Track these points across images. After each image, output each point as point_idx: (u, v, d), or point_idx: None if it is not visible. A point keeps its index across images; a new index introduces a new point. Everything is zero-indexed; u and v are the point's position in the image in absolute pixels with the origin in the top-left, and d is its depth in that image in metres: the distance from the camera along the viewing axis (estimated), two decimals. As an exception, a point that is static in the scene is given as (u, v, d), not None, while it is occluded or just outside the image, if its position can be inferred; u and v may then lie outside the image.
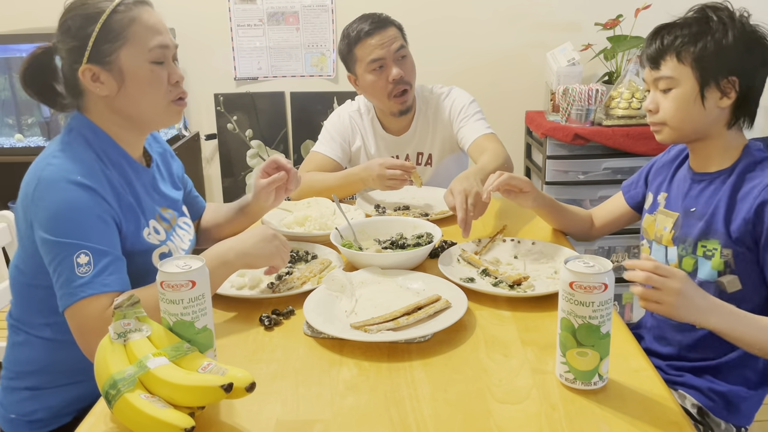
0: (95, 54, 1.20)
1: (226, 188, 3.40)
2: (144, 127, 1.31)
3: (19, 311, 1.29)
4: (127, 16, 1.21)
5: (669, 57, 1.28)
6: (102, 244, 1.14)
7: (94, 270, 1.11)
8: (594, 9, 3.00)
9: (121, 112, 1.25)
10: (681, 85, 1.27)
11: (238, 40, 3.19)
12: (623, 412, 0.93)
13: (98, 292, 1.10)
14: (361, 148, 2.09)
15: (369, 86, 1.97)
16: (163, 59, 1.24)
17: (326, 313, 1.20)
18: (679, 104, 1.28)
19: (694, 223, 1.31)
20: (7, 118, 2.97)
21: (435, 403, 0.96)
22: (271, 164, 1.52)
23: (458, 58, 3.15)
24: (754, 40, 1.25)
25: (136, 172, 1.30)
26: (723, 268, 1.27)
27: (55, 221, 1.13)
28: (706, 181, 1.32)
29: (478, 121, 2.01)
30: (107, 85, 1.22)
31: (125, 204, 1.23)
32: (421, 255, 1.42)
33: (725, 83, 1.25)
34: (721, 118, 1.28)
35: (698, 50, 1.24)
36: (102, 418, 0.94)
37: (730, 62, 1.23)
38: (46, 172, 1.16)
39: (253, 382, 0.90)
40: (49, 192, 1.14)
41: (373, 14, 1.97)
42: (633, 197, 1.55)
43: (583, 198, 2.82)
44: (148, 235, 1.27)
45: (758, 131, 3.08)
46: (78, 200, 1.14)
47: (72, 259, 1.11)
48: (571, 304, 0.95)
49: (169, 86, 1.26)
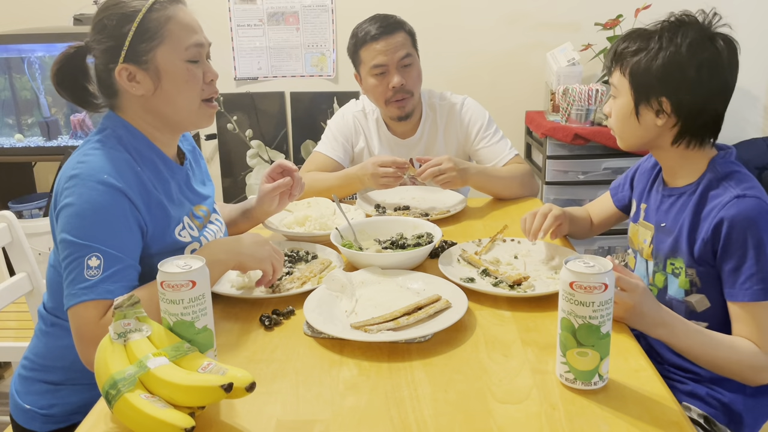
0: (132, 53, 1.20)
1: (226, 188, 3.40)
2: (176, 127, 1.30)
3: (54, 305, 1.29)
4: (163, 14, 1.21)
5: (615, 67, 1.28)
6: (117, 249, 1.13)
7: (101, 275, 1.10)
8: (594, 9, 3.00)
9: (156, 111, 1.26)
10: (621, 96, 1.28)
11: (238, 40, 3.20)
12: (623, 412, 0.92)
13: (100, 297, 1.10)
14: (364, 149, 2.09)
15: (370, 89, 1.98)
16: (198, 58, 1.25)
17: (326, 313, 1.20)
18: (619, 115, 1.29)
19: (664, 239, 1.31)
20: (7, 118, 2.97)
21: (435, 403, 0.96)
22: (277, 168, 1.53)
23: (458, 58, 3.15)
24: (695, 62, 1.19)
25: (170, 171, 1.31)
26: (689, 287, 1.28)
27: (75, 221, 1.13)
28: (674, 197, 1.30)
29: (500, 141, 2.03)
30: (143, 85, 1.22)
31: (155, 202, 1.23)
32: (421, 255, 1.43)
33: (656, 104, 1.23)
34: (663, 136, 1.26)
35: (633, 67, 1.24)
36: (102, 418, 0.94)
37: (660, 85, 1.22)
38: (77, 170, 1.16)
39: (253, 382, 0.90)
40: (75, 190, 1.14)
41: (385, 17, 1.95)
42: (620, 200, 1.55)
43: (583, 198, 2.82)
44: (180, 232, 1.28)
45: (758, 131, 3.09)
46: (102, 202, 1.14)
47: (83, 260, 1.10)
48: (571, 304, 0.95)
49: (204, 84, 1.27)
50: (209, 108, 1.29)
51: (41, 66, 2.91)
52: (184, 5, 1.26)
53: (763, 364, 1.16)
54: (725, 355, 1.17)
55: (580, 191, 2.84)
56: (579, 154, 2.79)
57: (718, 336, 1.19)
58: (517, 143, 3.19)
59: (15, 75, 2.93)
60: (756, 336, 1.17)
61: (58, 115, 2.97)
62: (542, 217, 1.45)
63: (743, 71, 1.30)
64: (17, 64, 2.91)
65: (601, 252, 2.96)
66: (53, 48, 2.76)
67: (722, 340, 1.18)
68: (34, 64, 2.91)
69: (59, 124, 2.96)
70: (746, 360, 1.16)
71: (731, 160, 1.27)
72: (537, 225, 1.45)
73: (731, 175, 1.23)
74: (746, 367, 1.17)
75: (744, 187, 1.20)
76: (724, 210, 1.19)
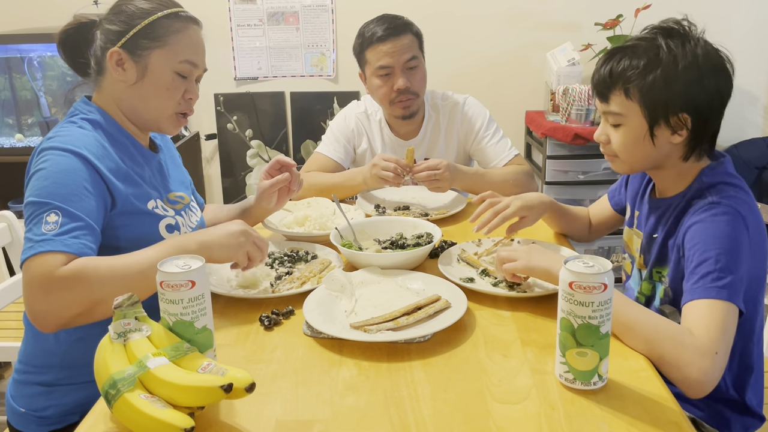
0: (131, 43, 1.26)
1: (226, 188, 3.40)
2: (144, 124, 1.35)
3: None
4: (176, 25, 1.28)
5: (617, 91, 1.19)
6: (77, 209, 1.14)
7: (58, 229, 1.10)
8: (594, 9, 3.00)
9: (129, 103, 1.30)
10: (629, 122, 1.20)
11: (238, 40, 3.20)
12: (623, 412, 0.92)
13: (55, 249, 1.08)
14: (367, 150, 2.09)
15: (374, 90, 1.98)
16: (187, 74, 1.31)
17: (326, 313, 1.20)
18: (628, 141, 1.21)
19: (651, 248, 1.30)
20: (7, 118, 2.97)
21: (435, 403, 0.96)
22: (275, 165, 1.53)
23: (458, 58, 3.15)
24: (709, 69, 1.15)
25: (143, 156, 1.34)
26: (663, 296, 1.27)
27: (39, 182, 1.15)
28: (662, 207, 1.29)
29: (500, 141, 2.03)
30: (127, 74, 1.28)
31: (123, 174, 1.26)
32: (421, 255, 1.43)
33: (675, 121, 1.17)
34: (674, 152, 1.22)
35: (646, 87, 1.15)
36: (102, 418, 0.94)
37: (681, 100, 1.15)
38: (45, 144, 1.20)
39: (252, 383, 0.90)
40: (42, 159, 1.18)
41: (393, 17, 1.94)
42: (618, 203, 1.54)
43: (583, 198, 2.82)
44: (153, 208, 1.30)
45: (758, 131, 3.09)
46: (66, 165, 1.17)
47: (42, 216, 1.11)
48: (570, 304, 0.95)
49: (182, 99, 1.32)
50: (179, 121, 1.35)
51: (41, 66, 2.91)
52: (200, 27, 1.33)
53: (686, 340, 1.03)
54: (642, 317, 1.07)
55: (580, 191, 2.84)
56: (579, 154, 2.79)
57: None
58: (517, 143, 3.18)
59: (15, 75, 2.93)
60: (695, 325, 1.06)
61: (58, 115, 2.97)
62: (492, 214, 1.43)
63: (743, 71, 1.29)
64: (17, 64, 2.91)
65: (601, 252, 2.96)
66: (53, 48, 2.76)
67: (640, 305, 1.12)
68: (34, 64, 2.91)
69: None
70: (668, 330, 1.05)
71: (723, 171, 1.22)
72: (489, 221, 1.43)
73: (716, 186, 1.19)
74: (666, 338, 1.04)
75: (722, 196, 1.16)
76: (695, 216, 1.16)
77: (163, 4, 1.29)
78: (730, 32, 3.01)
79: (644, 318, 1.08)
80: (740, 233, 1.13)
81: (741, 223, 1.13)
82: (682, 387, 1.03)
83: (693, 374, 1.01)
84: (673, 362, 1.02)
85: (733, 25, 3.06)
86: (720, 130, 1.23)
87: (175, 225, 1.33)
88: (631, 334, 1.07)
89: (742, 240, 1.12)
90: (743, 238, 1.13)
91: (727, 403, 1.25)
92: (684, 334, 1.05)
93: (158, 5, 1.28)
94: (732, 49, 1.20)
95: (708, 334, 1.03)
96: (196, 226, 1.43)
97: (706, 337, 1.03)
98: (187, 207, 1.42)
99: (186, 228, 1.38)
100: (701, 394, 1.03)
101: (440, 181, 1.80)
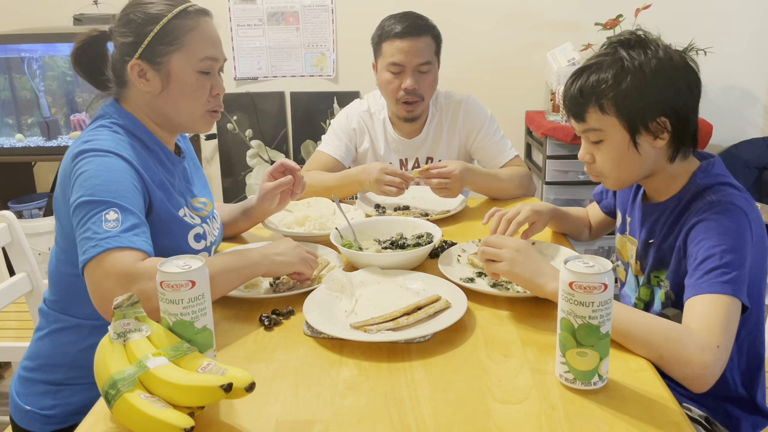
0: (148, 52, 1.25)
1: (226, 188, 3.40)
2: (176, 128, 1.35)
3: (57, 297, 1.29)
4: (188, 23, 1.26)
5: (591, 108, 1.19)
6: (134, 207, 1.14)
7: (121, 226, 1.10)
8: (594, 9, 3.01)
9: (159, 109, 1.30)
10: (610, 136, 1.20)
11: (238, 40, 3.20)
12: (623, 412, 0.92)
13: (126, 246, 1.09)
14: (369, 149, 2.09)
15: (383, 84, 1.99)
16: (210, 70, 1.30)
17: (326, 313, 1.20)
18: (613, 155, 1.21)
19: (648, 252, 1.30)
20: (7, 118, 2.97)
21: (435, 403, 0.96)
22: (279, 167, 1.54)
23: (459, 58, 3.15)
24: (675, 69, 1.16)
25: (172, 163, 1.34)
26: (664, 299, 1.26)
27: (90, 182, 1.14)
28: (657, 212, 1.28)
29: (500, 141, 2.03)
30: (152, 83, 1.26)
31: (158, 180, 1.26)
32: (421, 255, 1.42)
33: (655, 126, 1.17)
34: (660, 157, 1.22)
35: (620, 98, 1.15)
36: (102, 418, 0.94)
37: (656, 104, 1.15)
38: (84, 147, 1.19)
39: (252, 382, 0.90)
40: (86, 161, 1.17)
41: (417, 17, 1.94)
42: (606, 206, 1.54)
43: (583, 198, 2.82)
44: (183, 216, 1.30)
45: (758, 131, 3.09)
46: (114, 165, 1.17)
47: (101, 215, 1.11)
48: (570, 304, 0.95)
49: (210, 97, 1.31)
50: (212, 117, 1.34)
51: (41, 66, 2.91)
52: (210, 18, 1.31)
53: (684, 338, 1.03)
54: (636, 320, 1.06)
55: (580, 191, 2.84)
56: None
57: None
58: (517, 143, 3.19)
59: (15, 75, 2.93)
60: (697, 320, 1.06)
61: (58, 115, 2.97)
62: (506, 223, 1.41)
63: (743, 71, 1.29)
64: (17, 64, 2.91)
65: (601, 252, 2.96)
66: (53, 48, 2.76)
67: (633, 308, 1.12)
68: (34, 64, 2.91)
69: (59, 124, 2.96)
70: (665, 330, 1.05)
71: (715, 172, 1.23)
72: (503, 230, 1.40)
73: (713, 187, 1.20)
74: (663, 338, 1.04)
75: (721, 195, 1.17)
76: (697, 215, 1.17)
77: (170, 3, 1.27)
78: (730, 32, 3.00)
79: (638, 321, 1.07)
80: (744, 229, 1.14)
81: (744, 219, 1.14)
82: (685, 383, 1.04)
83: (694, 370, 1.01)
84: (673, 360, 1.03)
85: (734, 25, 3.06)
86: (717, 131, 1.23)
87: (203, 234, 1.34)
88: (628, 339, 1.07)
89: (745, 236, 1.13)
90: (747, 234, 1.13)
91: (736, 402, 1.26)
92: (681, 332, 1.05)
93: (165, 6, 1.26)
94: (732, 49, 1.21)
95: (709, 329, 1.04)
96: (218, 233, 1.44)
97: (706, 331, 1.03)
98: (210, 214, 1.43)
99: (211, 236, 1.38)
100: (705, 388, 1.03)
101: (449, 191, 1.80)
